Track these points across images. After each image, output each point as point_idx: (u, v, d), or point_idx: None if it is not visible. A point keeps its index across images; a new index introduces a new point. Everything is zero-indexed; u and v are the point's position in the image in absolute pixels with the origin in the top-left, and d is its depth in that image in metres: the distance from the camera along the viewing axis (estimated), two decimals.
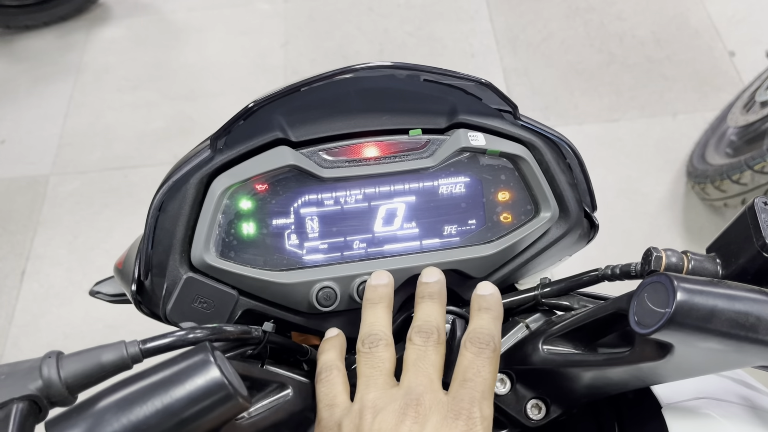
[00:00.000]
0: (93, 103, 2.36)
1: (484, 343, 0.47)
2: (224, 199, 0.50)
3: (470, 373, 0.45)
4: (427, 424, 0.43)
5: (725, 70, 2.27)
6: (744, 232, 0.45)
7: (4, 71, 2.49)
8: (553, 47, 2.38)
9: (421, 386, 0.45)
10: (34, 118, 2.34)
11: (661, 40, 2.37)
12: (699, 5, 2.46)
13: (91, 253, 2.01)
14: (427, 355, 0.47)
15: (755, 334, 0.40)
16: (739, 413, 0.50)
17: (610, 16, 2.46)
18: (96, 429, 0.33)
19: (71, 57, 2.50)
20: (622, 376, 0.47)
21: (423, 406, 0.44)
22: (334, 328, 0.54)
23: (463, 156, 0.54)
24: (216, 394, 0.35)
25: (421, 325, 0.49)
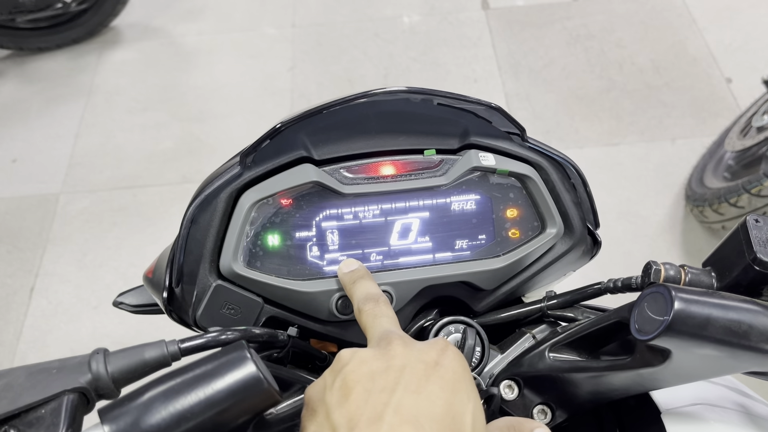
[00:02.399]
0: (103, 124, 2.41)
1: None
2: (252, 212, 0.54)
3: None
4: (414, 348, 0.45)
5: (723, 97, 2.32)
6: (737, 247, 0.49)
7: (17, 92, 2.54)
8: (554, 73, 2.44)
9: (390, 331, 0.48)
10: (46, 138, 2.39)
11: (659, 68, 2.42)
12: (697, 34, 2.51)
13: (100, 270, 2.04)
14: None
15: (747, 341, 0.44)
16: (733, 419, 0.53)
17: (610, 43, 2.52)
18: (145, 416, 0.36)
19: (83, 79, 2.56)
20: (623, 381, 0.50)
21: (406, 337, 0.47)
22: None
23: (474, 175, 0.58)
24: (252, 387, 0.38)
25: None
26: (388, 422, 0.37)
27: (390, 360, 0.43)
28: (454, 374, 0.43)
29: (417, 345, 0.45)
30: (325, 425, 0.39)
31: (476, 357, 0.56)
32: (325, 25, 2.67)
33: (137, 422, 0.36)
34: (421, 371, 0.42)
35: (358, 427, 0.37)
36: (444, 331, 0.57)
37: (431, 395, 0.40)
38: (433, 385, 0.41)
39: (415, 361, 0.43)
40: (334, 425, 0.38)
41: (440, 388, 0.41)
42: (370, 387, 0.41)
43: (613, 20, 2.59)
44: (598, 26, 2.58)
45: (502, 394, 0.55)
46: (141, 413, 0.36)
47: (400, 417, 0.38)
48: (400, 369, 0.42)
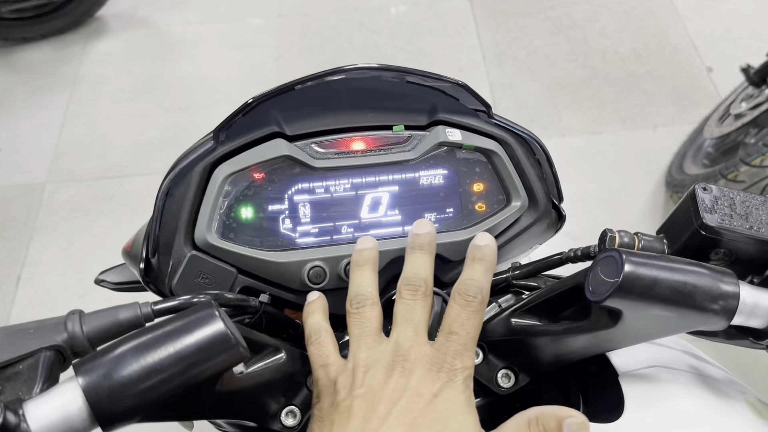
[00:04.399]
0: (89, 114, 2.41)
1: (471, 295, 0.49)
2: (225, 185, 0.56)
3: (455, 326, 0.48)
4: (412, 377, 0.46)
5: (703, 85, 2.35)
6: (686, 214, 0.51)
7: (1, 82, 2.54)
8: (538, 62, 2.46)
9: (408, 341, 0.48)
10: (31, 128, 2.39)
11: (642, 56, 2.45)
12: (678, 23, 2.54)
13: (86, 259, 2.05)
14: (415, 309, 0.50)
15: (692, 301, 0.46)
16: (686, 379, 0.56)
17: (593, 32, 2.54)
18: (117, 368, 0.38)
19: (68, 69, 2.56)
20: (581, 343, 0.52)
21: (409, 360, 0.47)
22: (314, 291, 0.57)
23: (441, 150, 0.60)
24: (220, 342, 0.40)
25: (409, 277, 0.52)
26: None
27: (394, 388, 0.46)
28: (450, 411, 0.45)
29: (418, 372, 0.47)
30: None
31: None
32: (311, 14, 2.68)
33: (109, 374, 0.38)
34: (419, 403, 0.45)
35: None
36: None
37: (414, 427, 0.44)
38: (425, 419, 0.44)
39: (414, 394, 0.46)
40: None
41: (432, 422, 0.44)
42: (371, 415, 0.45)
43: (596, 10, 2.62)
44: (582, 16, 2.60)
45: None
46: (113, 366, 0.38)
47: None
48: (396, 400, 0.45)
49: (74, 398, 0.37)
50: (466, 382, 0.47)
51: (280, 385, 0.51)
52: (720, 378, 0.58)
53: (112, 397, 0.38)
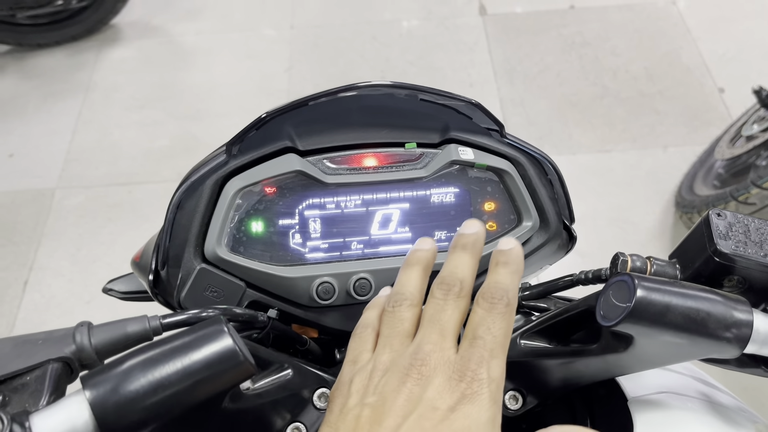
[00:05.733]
0: (101, 121, 2.43)
1: (496, 298, 0.44)
2: (236, 199, 0.56)
3: (480, 330, 0.43)
4: (429, 386, 0.41)
5: (715, 106, 2.34)
6: (700, 240, 0.51)
7: (15, 87, 2.56)
8: (548, 79, 2.46)
9: (431, 344, 0.43)
10: (43, 134, 2.40)
11: (653, 76, 2.45)
12: (691, 43, 2.54)
13: (93, 265, 2.05)
14: (445, 309, 0.45)
15: (705, 328, 0.45)
16: (696, 406, 0.55)
17: (605, 51, 2.54)
18: (124, 383, 0.38)
19: (81, 75, 2.58)
20: (590, 367, 0.52)
21: (428, 366, 0.42)
22: (388, 287, 0.53)
23: (453, 168, 0.60)
24: (228, 358, 0.40)
25: (445, 276, 0.47)
26: None
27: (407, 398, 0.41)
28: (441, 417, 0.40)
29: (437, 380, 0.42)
30: None
31: None
32: (323, 27, 2.69)
33: (117, 389, 0.37)
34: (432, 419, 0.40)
35: None
36: None
37: None
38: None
39: (428, 407, 0.40)
40: None
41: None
42: (376, 429, 0.40)
43: (608, 28, 2.62)
44: (593, 34, 2.60)
45: None
46: (121, 380, 0.38)
47: None
48: (407, 414, 0.40)
49: (81, 412, 0.37)
50: (493, 397, 0.41)
51: (286, 401, 0.51)
52: (730, 406, 0.57)
53: (119, 412, 0.37)
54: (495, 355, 0.43)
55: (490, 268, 0.47)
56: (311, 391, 0.53)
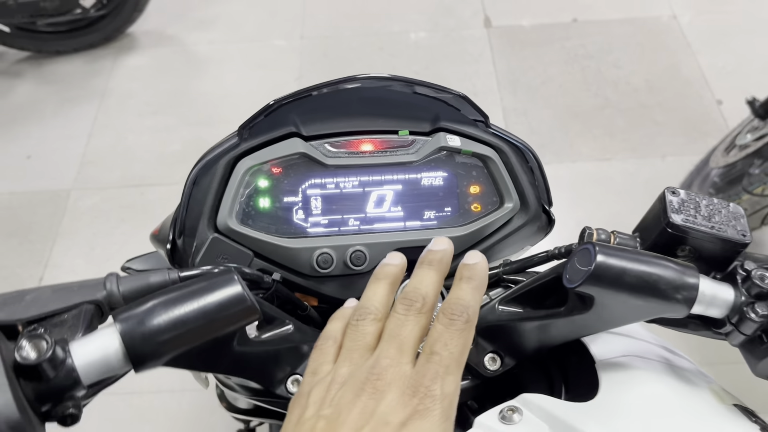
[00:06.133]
0: (116, 126, 2.51)
1: (456, 314, 0.45)
2: (246, 177, 0.63)
3: (437, 346, 0.44)
4: (383, 401, 0.42)
5: (713, 117, 2.40)
6: (656, 215, 0.57)
7: (34, 92, 2.65)
8: (551, 90, 2.53)
9: (388, 359, 0.44)
10: (60, 137, 2.48)
11: (653, 88, 2.51)
12: (691, 57, 2.60)
13: (107, 264, 2.12)
14: (405, 325, 0.46)
15: (657, 290, 0.52)
16: (657, 367, 0.61)
17: (607, 63, 2.61)
18: (149, 318, 0.44)
19: (97, 82, 2.66)
20: (560, 328, 0.58)
21: (383, 380, 0.43)
22: (352, 299, 0.56)
23: (441, 154, 0.66)
24: (237, 302, 0.47)
25: (408, 291, 0.48)
26: None
27: (360, 412, 0.42)
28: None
29: (391, 395, 0.42)
30: None
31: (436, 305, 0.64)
32: (333, 37, 2.77)
33: (142, 322, 0.44)
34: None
35: None
36: None
37: None
38: None
39: (380, 421, 0.41)
40: None
41: None
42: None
43: (610, 41, 2.69)
44: (596, 47, 2.67)
45: None
46: (146, 316, 0.44)
47: None
48: (359, 428, 0.41)
49: (113, 341, 0.44)
50: (445, 413, 0.42)
51: (287, 354, 0.57)
52: (688, 368, 0.63)
53: (144, 342, 0.44)
54: (450, 371, 0.43)
55: (455, 282, 0.49)
56: (310, 347, 0.60)
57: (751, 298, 0.52)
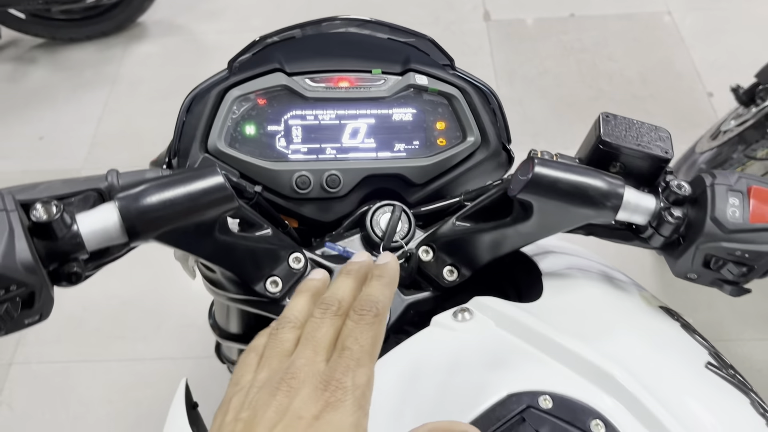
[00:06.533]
0: (125, 110, 2.60)
1: (365, 309, 0.47)
2: (234, 105, 0.71)
3: (348, 341, 0.45)
4: (296, 397, 0.43)
5: (703, 109, 2.47)
6: (592, 136, 0.65)
7: (47, 77, 2.75)
8: (547, 82, 2.60)
9: (303, 359, 0.45)
10: (71, 121, 2.58)
11: (647, 80, 2.58)
12: (684, 51, 2.67)
13: None
14: (321, 327, 0.47)
15: (586, 196, 0.59)
16: (595, 277, 0.69)
17: (602, 56, 2.68)
18: (143, 198, 0.52)
19: (109, 68, 2.76)
20: (507, 237, 0.65)
21: (297, 379, 0.44)
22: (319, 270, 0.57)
23: (410, 91, 0.74)
24: (218, 190, 0.55)
25: (326, 297, 0.49)
26: None
27: (275, 410, 0.43)
28: (305, 425, 0.41)
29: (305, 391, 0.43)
30: None
31: (404, 229, 0.72)
32: None
33: (137, 200, 0.52)
34: (297, 427, 0.41)
35: None
36: (379, 212, 0.72)
37: None
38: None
39: (294, 416, 0.42)
40: None
41: None
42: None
43: (606, 36, 2.76)
44: (592, 41, 2.75)
45: (420, 256, 0.70)
46: (140, 195, 0.52)
47: None
48: (274, 425, 0.42)
49: (112, 214, 0.52)
50: (357, 402, 0.43)
51: (265, 255, 0.65)
52: (623, 280, 0.70)
53: (139, 217, 0.52)
54: (362, 363, 0.45)
55: (366, 282, 0.51)
56: (287, 253, 0.67)
57: (669, 204, 0.60)
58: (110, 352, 1.94)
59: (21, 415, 1.82)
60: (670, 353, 0.60)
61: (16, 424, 1.80)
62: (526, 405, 0.53)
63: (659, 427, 0.50)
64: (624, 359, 0.56)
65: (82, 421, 1.80)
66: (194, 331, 1.96)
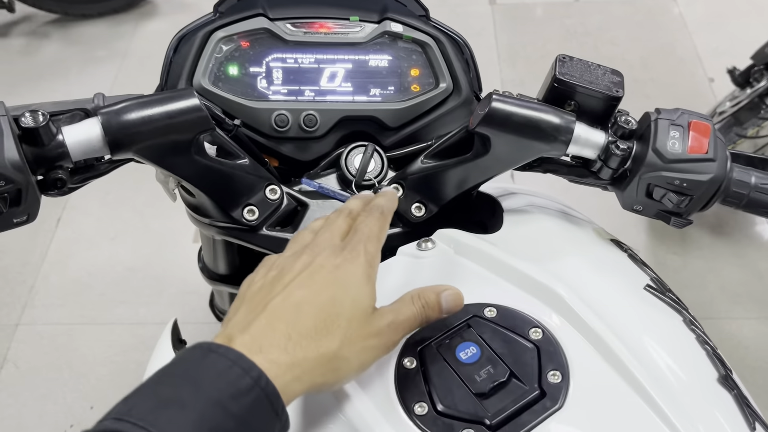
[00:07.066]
0: (135, 85, 2.63)
1: (374, 209, 0.60)
2: (219, 45, 0.75)
3: (360, 225, 0.57)
4: (318, 256, 0.53)
5: (703, 93, 2.49)
6: (549, 75, 0.69)
7: (59, 52, 2.81)
8: (549, 64, 2.61)
9: (322, 237, 0.56)
10: (83, 94, 2.60)
11: (648, 65, 2.61)
12: (686, 37, 2.70)
13: (120, 207, 2.26)
14: (336, 221, 0.58)
15: (539, 130, 0.64)
16: (552, 213, 0.73)
17: (604, 41, 2.71)
18: (124, 114, 0.57)
19: (119, 44, 2.82)
20: (469, 172, 0.70)
21: (318, 246, 0.54)
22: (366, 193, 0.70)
23: (386, 38, 0.78)
24: (194, 110, 0.59)
25: (340, 208, 0.62)
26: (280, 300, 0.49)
27: (302, 264, 0.53)
28: (348, 280, 0.51)
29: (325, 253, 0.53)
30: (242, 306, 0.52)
31: (377, 169, 0.76)
32: None
33: (118, 115, 0.57)
34: (320, 272, 0.51)
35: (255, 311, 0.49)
36: (354, 152, 0.77)
37: (312, 288, 0.50)
38: (323, 282, 0.51)
39: (317, 266, 0.52)
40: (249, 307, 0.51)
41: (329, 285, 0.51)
42: (276, 284, 0.51)
43: (609, 20, 2.79)
44: (595, 25, 2.77)
45: None
46: (121, 111, 0.57)
47: (289, 300, 0.49)
48: (300, 271, 0.52)
49: (95, 127, 0.57)
50: (370, 262, 0.53)
51: (242, 182, 0.70)
52: (580, 218, 0.75)
53: (119, 130, 0.57)
54: (371, 240, 0.55)
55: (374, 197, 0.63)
56: (263, 183, 0.72)
57: (616, 138, 0.64)
58: (113, 316, 2.00)
59: (26, 373, 1.89)
60: (611, 276, 0.64)
61: (21, 381, 1.87)
62: (472, 315, 0.57)
63: (593, 335, 0.55)
64: (569, 279, 0.60)
65: (85, 379, 1.86)
66: (195, 298, 2.01)
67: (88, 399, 1.83)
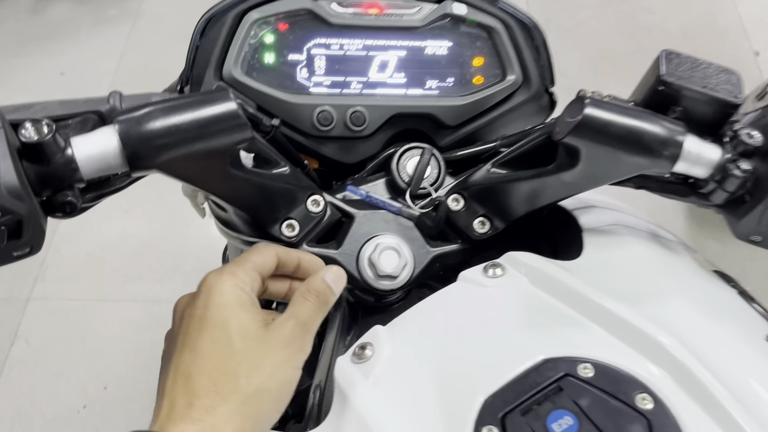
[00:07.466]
0: (147, 47, 2.53)
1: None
2: (253, 29, 0.64)
3: None
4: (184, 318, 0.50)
5: (748, 68, 2.34)
6: (651, 76, 0.57)
7: (70, 11, 2.68)
8: (582, 33, 2.49)
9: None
10: (93, 56, 2.52)
11: (688, 36, 2.46)
12: (730, 5, 2.54)
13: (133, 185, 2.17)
14: None
15: (641, 143, 0.53)
16: (642, 235, 0.63)
17: (641, 8, 2.56)
18: (146, 122, 0.46)
19: (131, 4, 2.68)
20: (547, 186, 0.59)
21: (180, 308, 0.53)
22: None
23: (446, 21, 0.67)
24: (231, 117, 0.49)
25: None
26: (171, 378, 0.46)
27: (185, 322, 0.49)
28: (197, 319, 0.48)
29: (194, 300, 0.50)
30: None
31: (433, 175, 0.66)
32: None
33: (140, 123, 0.46)
34: (193, 326, 0.48)
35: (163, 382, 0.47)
36: (406, 155, 0.67)
37: (198, 347, 0.47)
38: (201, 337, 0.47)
39: (189, 316, 0.49)
40: None
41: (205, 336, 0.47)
42: (165, 366, 0.49)
43: None
44: None
45: (450, 205, 0.64)
46: (143, 119, 0.47)
47: (177, 373, 0.46)
48: (184, 329, 0.49)
49: (111, 139, 0.46)
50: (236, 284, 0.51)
51: (282, 195, 0.60)
52: (673, 240, 0.64)
53: (141, 143, 0.46)
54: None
55: None
56: (305, 194, 0.62)
57: (737, 155, 0.53)
58: (127, 292, 1.92)
59: (37, 350, 1.83)
60: (726, 322, 0.54)
61: (33, 358, 1.80)
62: (564, 373, 0.47)
63: (714, 404, 0.45)
64: (675, 326, 0.50)
65: (97, 357, 1.80)
66: None
67: (102, 379, 1.77)
